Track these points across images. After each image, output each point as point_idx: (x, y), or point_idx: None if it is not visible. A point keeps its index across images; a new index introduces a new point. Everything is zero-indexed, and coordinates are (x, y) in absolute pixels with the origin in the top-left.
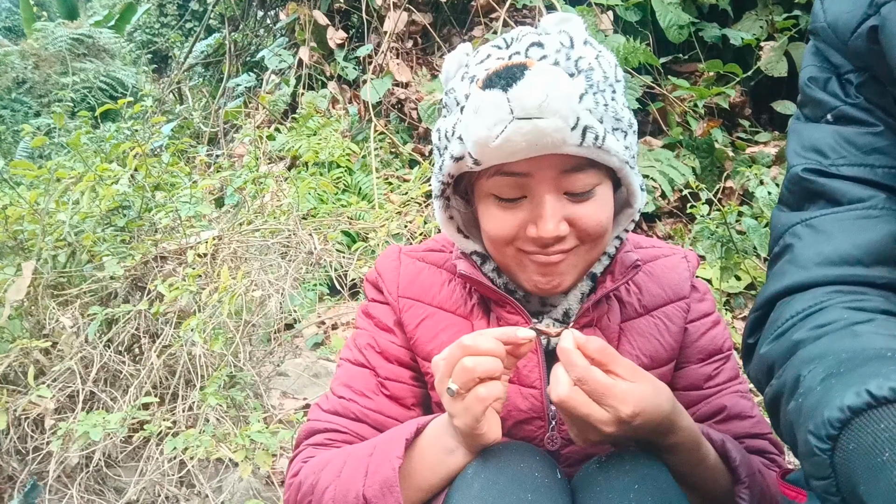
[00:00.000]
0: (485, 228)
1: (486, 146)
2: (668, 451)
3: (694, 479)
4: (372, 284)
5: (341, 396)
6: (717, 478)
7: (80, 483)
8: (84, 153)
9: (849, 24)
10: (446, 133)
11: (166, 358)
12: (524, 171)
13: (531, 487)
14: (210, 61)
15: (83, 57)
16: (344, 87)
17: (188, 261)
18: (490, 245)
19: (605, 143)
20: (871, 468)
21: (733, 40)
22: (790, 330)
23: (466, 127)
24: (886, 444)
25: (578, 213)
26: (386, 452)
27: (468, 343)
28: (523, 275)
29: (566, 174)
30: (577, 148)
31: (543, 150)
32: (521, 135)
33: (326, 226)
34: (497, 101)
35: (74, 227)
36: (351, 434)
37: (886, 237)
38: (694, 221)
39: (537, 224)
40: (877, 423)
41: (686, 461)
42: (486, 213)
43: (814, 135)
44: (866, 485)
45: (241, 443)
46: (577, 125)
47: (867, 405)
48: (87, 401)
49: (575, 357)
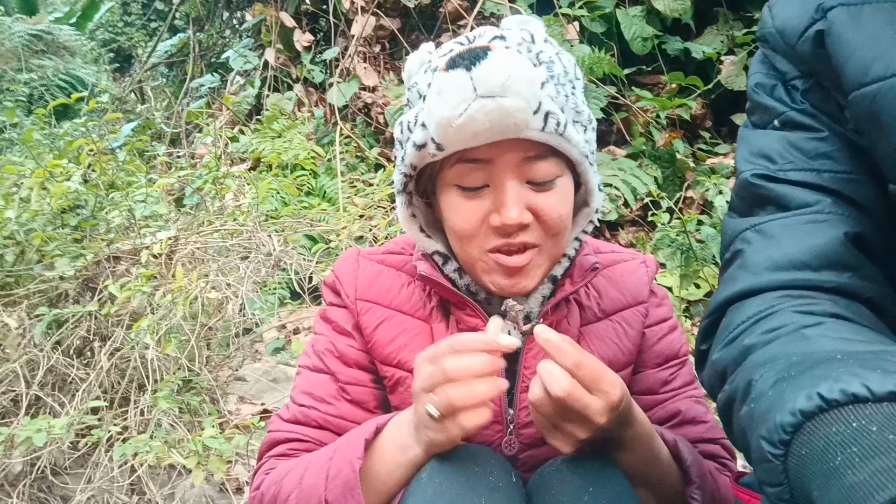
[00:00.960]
0: (449, 223)
1: (450, 126)
2: (626, 447)
3: (648, 477)
4: (330, 288)
5: (302, 404)
6: (670, 477)
7: (22, 491)
8: (36, 150)
9: (796, 28)
10: (409, 124)
11: (118, 361)
12: (486, 158)
13: (485, 491)
14: (174, 61)
15: (41, 54)
16: (310, 89)
17: (142, 261)
18: (455, 242)
19: (567, 131)
20: (824, 473)
21: (695, 54)
22: (741, 335)
23: (430, 110)
24: (838, 448)
25: (541, 204)
26: (346, 455)
27: (450, 368)
28: (487, 277)
29: (528, 161)
30: (539, 133)
31: (506, 133)
32: (485, 113)
33: (288, 227)
34: (460, 80)
35: (23, 224)
36: (313, 442)
37: (833, 241)
38: (655, 230)
39: (500, 212)
40: (828, 427)
41: (641, 458)
42: (450, 205)
43: (762, 141)
44: (819, 491)
45: (194, 448)
46: (540, 110)
47: (819, 408)
48: (31, 405)
49: (565, 344)
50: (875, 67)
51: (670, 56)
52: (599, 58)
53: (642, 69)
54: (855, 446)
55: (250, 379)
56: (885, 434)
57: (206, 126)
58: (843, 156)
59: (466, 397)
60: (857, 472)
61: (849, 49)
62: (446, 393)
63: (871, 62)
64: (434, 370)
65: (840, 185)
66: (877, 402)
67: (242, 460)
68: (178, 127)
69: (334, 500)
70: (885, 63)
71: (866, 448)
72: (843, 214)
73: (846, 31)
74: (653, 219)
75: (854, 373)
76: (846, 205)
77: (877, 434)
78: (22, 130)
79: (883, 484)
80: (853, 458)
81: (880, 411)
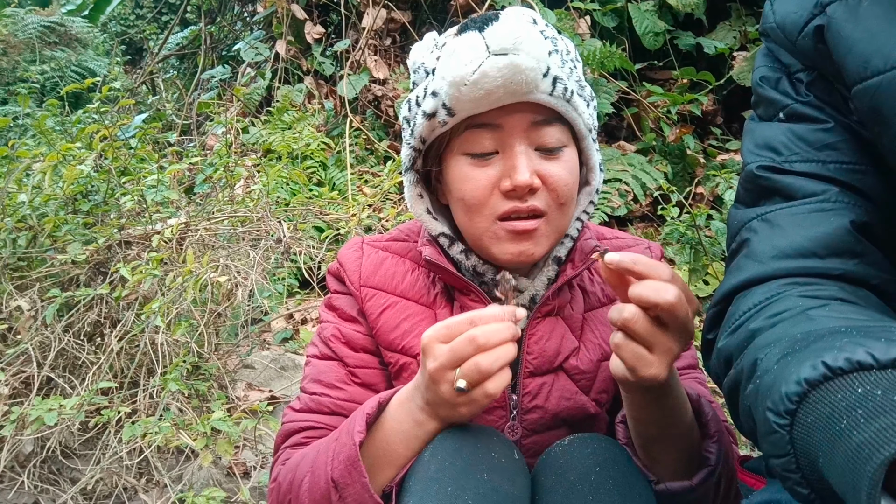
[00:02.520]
0: (457, 194)
1: (463, 84)
2: (671, 390)
3: (675, 427)
4: (334, 276)
5: (313, 393)
6: (692, 431)
7: (32, 471)
8: (49, 135)
9: (796, 24)
10: (417, 98)
11: (128, 345)
12: (496, 122)
13: (487, 467)
14: (185, 53)
15: (54, 45)
16: (320, 82)
17: (153, 246)
18: (463, 215)
19: (574, 98)
20: (829, 438)
21: (707, 49)
22: (747, 321)
23: (442, 72)
24: (843, 413)
25: (549, 171)
26: (349, 431)
27: (480, 336)
28: (496, 246)
29: (537, 126)
30: (548, 97)
31: (517, 93)
32: (497, 69)
33: (298, 216)
34: (473, 40)
35: (36, 209)
36: (327, 428)
37: (839, 230)
38: (664, 224)
39: (511, 175)
40: (833, 394)
41: (677, 403)
42: (459, 175)
43: (767, 133)
44: (825, 456)
45: (202, 430)
46: (549, 74)
47: (823, 377)
48: (42, 387)
49: (652, 262)
50: (874, 61)
51: (682, 51)
52: (611, 52)
53: (653, 64)
54: (860, 409)
55: (258, 366)
56: (890, 395)
57: (216, 116)
58: (849, 146)
59: (494, 362)
60: (862, 432)
61: (848, 44)
62: (475, 361)
63: (871, 56)
64: (459, 343)
65: (845, 175)
66: (881, 369)
67: (250, 445)
68: (189, 118)
69: (339, 476)
70: (883, 56)
71: (870, 410)
72: (848, 203)
73: (845, 25)
74: (662, 212)
75: (858, 342)
76: (852, 194)
77: (881, 397)
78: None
79: (887, 440)
80: (858, 420)
81: (885, 377)
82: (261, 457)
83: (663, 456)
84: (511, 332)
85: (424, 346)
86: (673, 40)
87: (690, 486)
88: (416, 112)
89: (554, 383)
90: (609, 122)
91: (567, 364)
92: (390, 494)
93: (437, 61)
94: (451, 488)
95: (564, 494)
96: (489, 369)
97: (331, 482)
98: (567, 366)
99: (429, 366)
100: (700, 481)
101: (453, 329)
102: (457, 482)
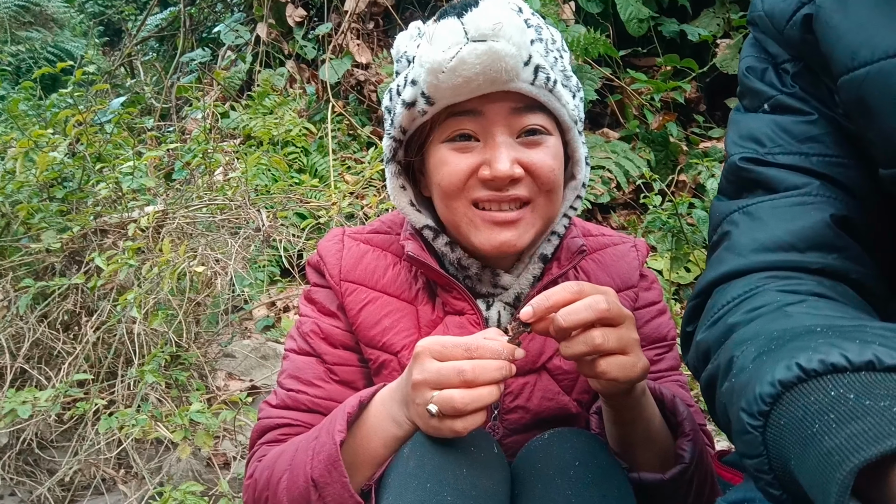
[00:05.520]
0: (436, 179)
1: (441, 71)
2: (639, 398)
3: (648, 432)
4: (314, 268)
5: (290, 389)
6: (663, 433)
7: (8, 463)
8: (21, 121)
9: (784, 12)
10: (398, 87)
11: (105, 335)
12: (477, 109)
13: (467, 463)
14: (164, 35)
15: (29, 25)
16: (302, 66)
17: (129, 234)
18: (441, 201)
19: (557, 88)
20: (801, 441)
21: (691, 36)
22: (725, 315)
23: (420, 59)
24: (816, 416)
25: (531, 158)
26: (329, 430)
27: (468, 371)
28: (476, 235)
29: (518, 113)
30: (529, 86)
31: (497, 81)
32: (476, 56)
33: (278, 203)
34: (451, 26)
35: (8, 196)
36: (304, 426)
37: (820, 223)
38: (647, 212)
39: (490, 165)
40: (807, 397)
41: (649, 413)
42: (439, 161)
43: (752, 124)
44: (797, 459)
45: (181, 422)
46: (530, 62)
47: (798, 378)
48: (16, 378)
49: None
50: (862, 52)
51: (666, 38)
52: (595, 39)
53: (637, 51)
54: (832, 413)
55: (239, 355)
56: (862, 400)
57: (195, 101)
58: (832, 140)
59: (470, 403)
60: (834, 437)
61: (836, 34)
62: (451, 395)
63: (858, 47)
64: (447, 370)
65: (828, 168)
66: (855, 372)
67: (230, 435)
68: (168, 102)
69: (319, 476)
70: (871, 47)
71: (843, 414)
72: (830, 197)
73: (833, 15)
74: (645, 201)
75: (833, 343)
76: (834, 188)
77: (854, 401)
78: (7, 102)
79: (858, 447)
80: (830, 425)
81: (858, 380)
82: (241, 447)
83: (639, 457)
84: (502, 373)
85: (417, 354)
86: (657, 27)
87: (662, 479)
88: (397, 101)
89: (536, 383)
90: (593, 109)
91: (550, 364)
92: (369, 492)
93: (417, 49)
94: (430, 484)
95: (544, 489)
96: (463, 409)
97: (310, 481)
98: (550, 365)
99: (414, 374)
100: (673, 476)
101: (447, 352)
102: (436, 478)
